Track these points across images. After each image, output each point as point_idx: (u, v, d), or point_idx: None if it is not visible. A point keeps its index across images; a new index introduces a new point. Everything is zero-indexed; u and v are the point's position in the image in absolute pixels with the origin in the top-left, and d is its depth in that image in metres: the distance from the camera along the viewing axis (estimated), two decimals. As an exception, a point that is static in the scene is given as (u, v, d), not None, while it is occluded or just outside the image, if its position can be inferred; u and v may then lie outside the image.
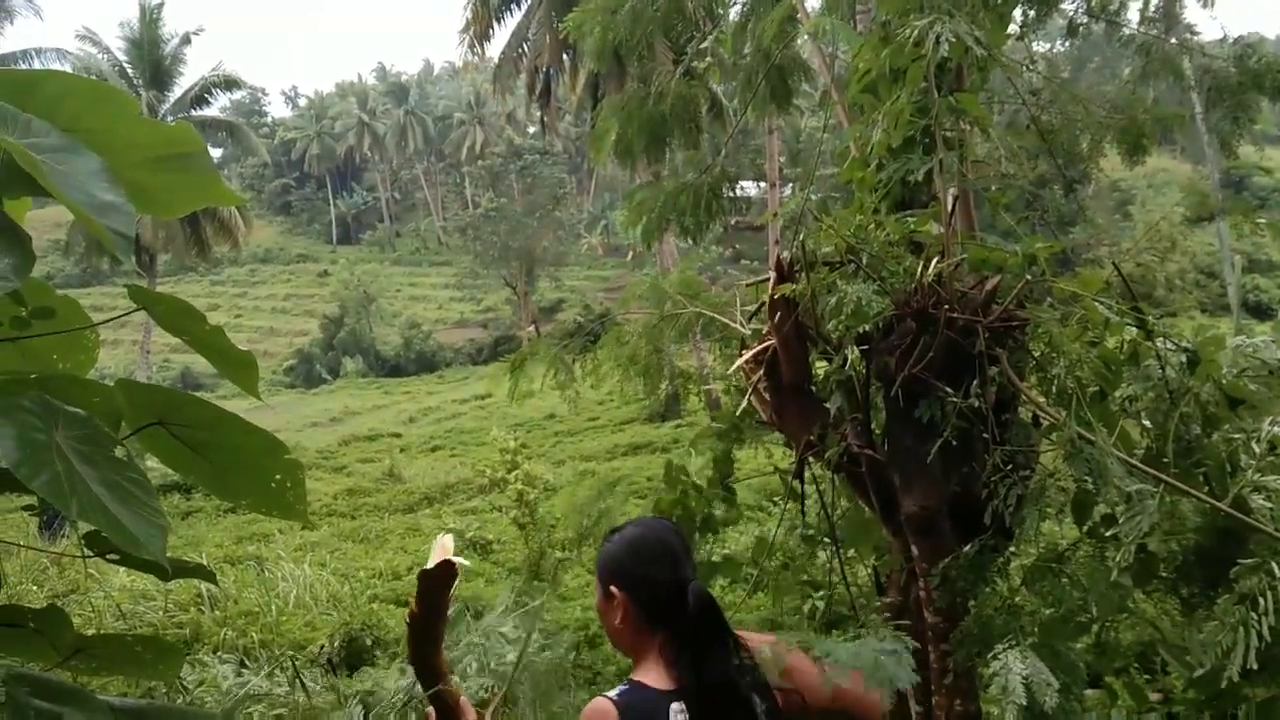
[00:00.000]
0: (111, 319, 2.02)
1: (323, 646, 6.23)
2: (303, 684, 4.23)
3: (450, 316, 55.23)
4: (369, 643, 6.52)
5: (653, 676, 1.80)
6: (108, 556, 1.93)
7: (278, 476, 2.05)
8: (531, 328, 44.35)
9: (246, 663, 6.06)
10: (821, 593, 3.21)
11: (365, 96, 74.24)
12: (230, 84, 32.95)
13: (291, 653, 6.29)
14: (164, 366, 44.51)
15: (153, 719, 1.97)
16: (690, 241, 5.26)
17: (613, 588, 1.89)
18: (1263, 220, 3.97)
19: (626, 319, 4.87)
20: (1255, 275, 38.06)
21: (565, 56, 24.85)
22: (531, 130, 59.62)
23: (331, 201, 72.54)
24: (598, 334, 4.72)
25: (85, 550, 1.88)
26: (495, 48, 27.69)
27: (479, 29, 25.54)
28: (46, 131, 1.56)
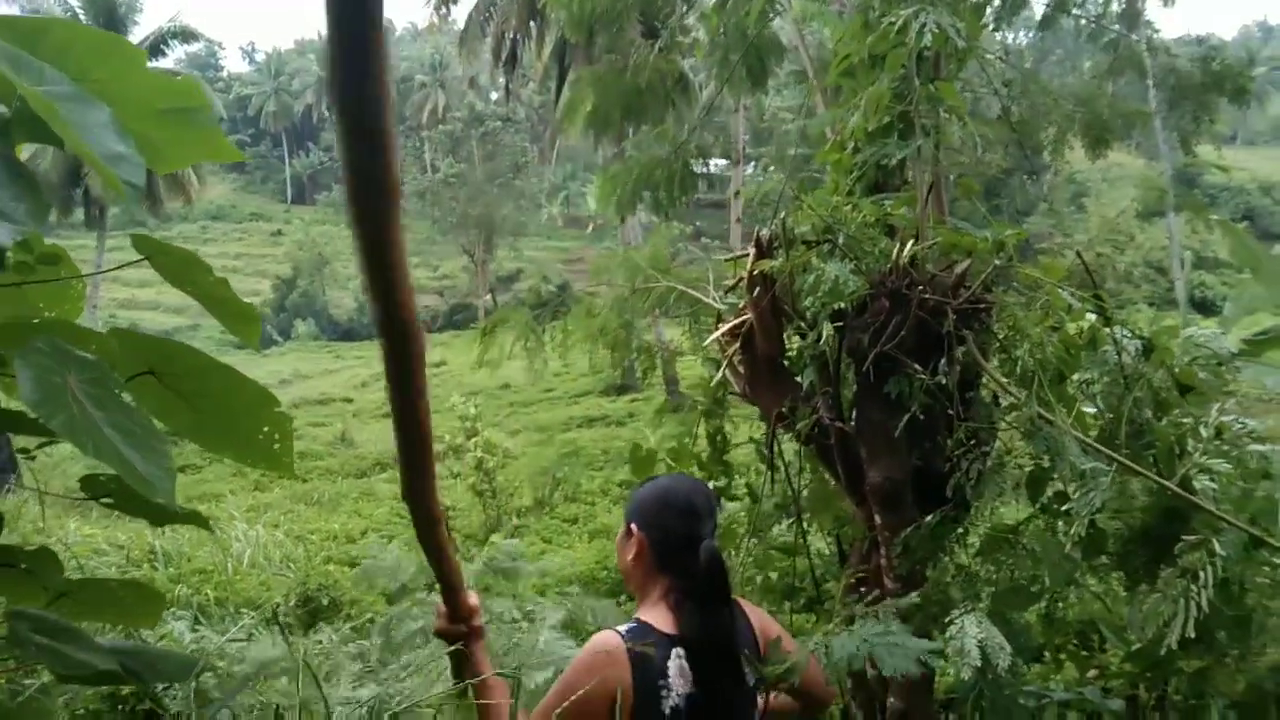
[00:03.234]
0: (115, 269, 2.04)
1: (278, 604, 6.25)
2: (284, 635, 4.26)
3: (406, 282, 54.71)
4: (325, 603, 6.54)
5: (656, 618, 1.89)
6: (101, 500, 1.97)
7: (265, 429, 2.09)
8: (488, 296, 44.08)
9: (201, 620, 6.05)
10: (783, 562, 3.32)
11: (322, 56, 72.86)
12: (187, 35, 32.13)
13: (246, 610, 6.30)
14: (109, 322, 43.58)
15: (140, 657, 2.02)
16: (659, 217, 5.32)
17: (633, 526, 1.99)
18: (1214, 217, 4.13)
19: (595, 291, 4.93)
20: (1202, 272, 39.03)
21: (532, 23, 24.62)
22: (494, 96, 58.94)
23: (287, 160, 71.24)
24: (566, 305, 4.78)
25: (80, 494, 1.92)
26: (461, 11, 27.33)
27: (446, -9, 25.19)
28: (59, 80, 1.59)
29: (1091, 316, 2.64)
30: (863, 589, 2.51)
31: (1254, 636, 2.60)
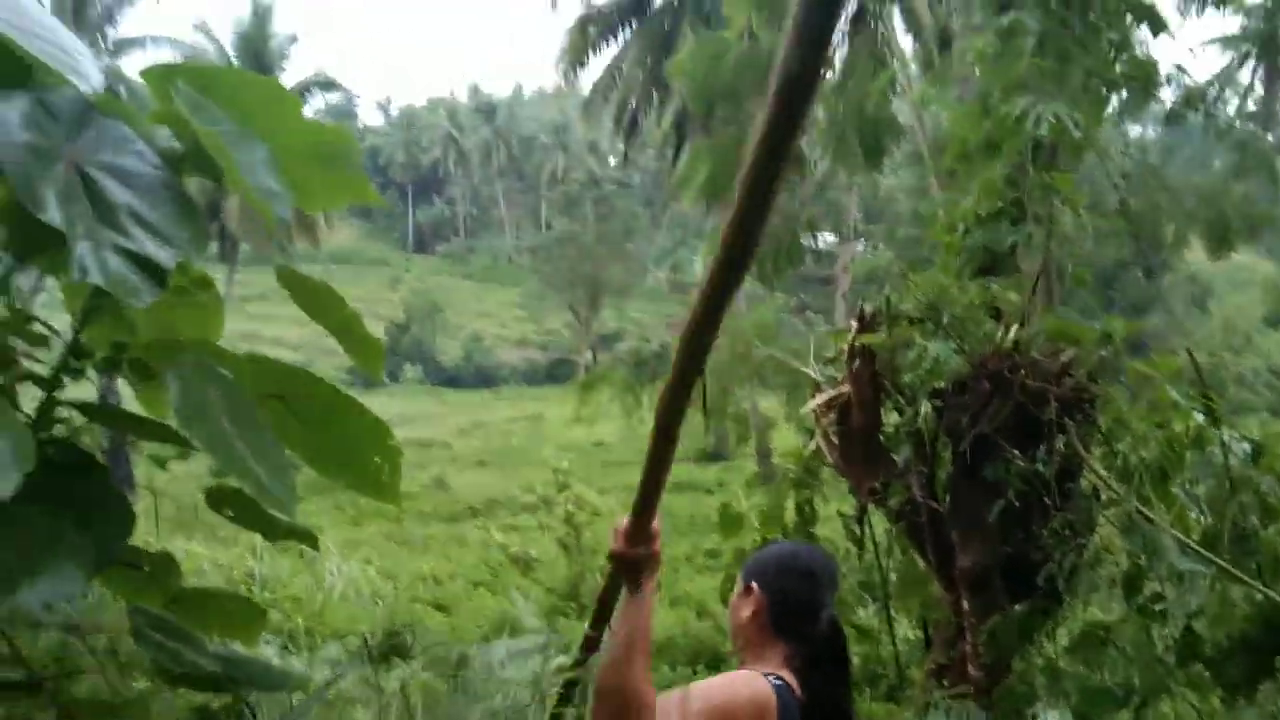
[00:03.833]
0: (250, 297, 2.22)
1: (365, 638, 6.39)
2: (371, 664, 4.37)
3: (512, 335, 55.76)
4: (408, 640, 6.66)
5: (787, 678, 1.86)
6: (223, 512, 2.11)
7: (377, 459, 2.21)
8: (589, 354, 44.64)
9: (289, 646, 6.24)
10: (864, 644, 3.28)
11: (455, 112, 75.87)
12: (328, 85, 34.06)
13: (333, 639, 6.46)
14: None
15: (243, 667, 2.13)
16: (765, 286, 5.39)
17: (753, 584, 1.94)
18: None
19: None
20: (1334, 383, 36.82)
21: (654, 93, 25.25)
22: (612, 162, 60.26)
23: (411, 210, 73.99)
24: (666, 367, 4.84)
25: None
26: (588, 78, 28.24)
27: (574, 57, 26.10)
28: (225, 121, 1.76)
29: (1200, 417, 2.59)
30: (945, 677, 2.48)
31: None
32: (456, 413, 39.13)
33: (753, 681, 1.84)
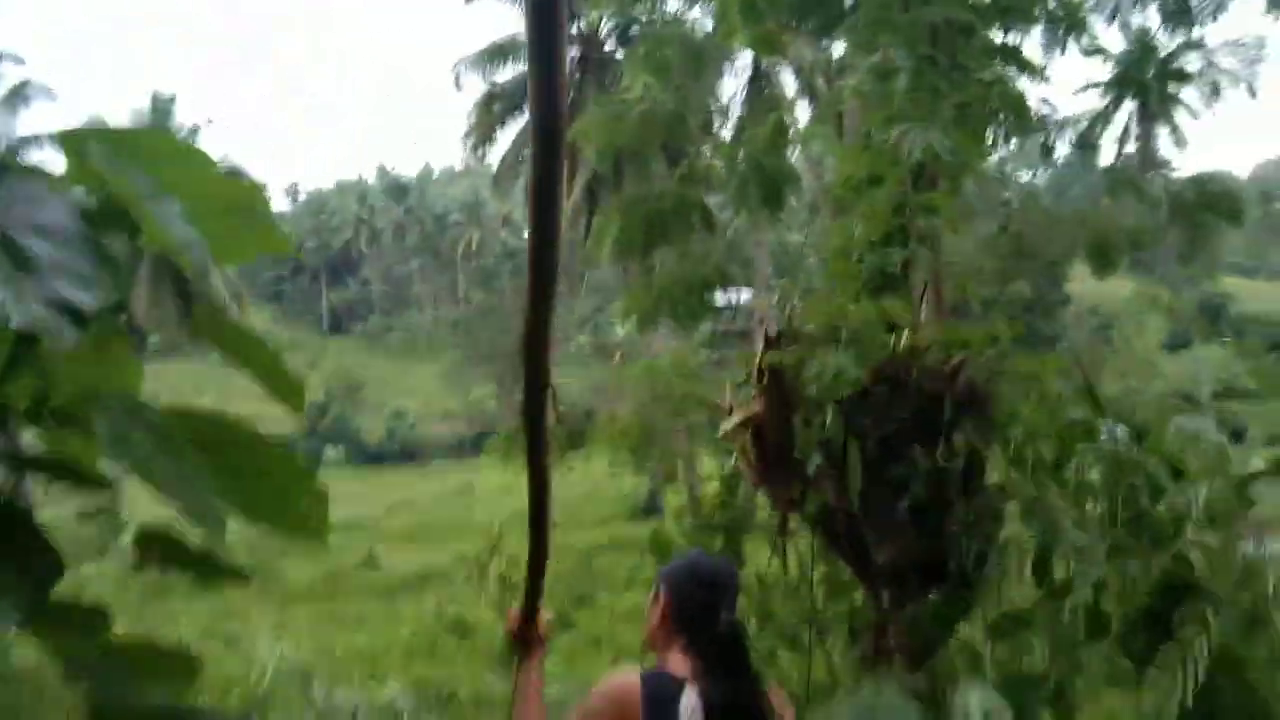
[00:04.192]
0: (160, 391, 2.27)
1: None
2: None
3: (436, 410, 55.06)
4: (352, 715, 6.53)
5: (674, 666, 2.01)
6: (152, 557, 2.12)
7: (304, 501, 2.26)
8: (516, 423, 44.28)
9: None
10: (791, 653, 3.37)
11: (365, 194, 75.77)
12: (234, 174, 33.77)
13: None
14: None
15: (187, 714, 2.13)
16: (683, 333, 5.55)
17: (662, 587, 2.12)
18: (1226, 340, 4.25)
19: (617, 403, 5.09)
20: (1232, 401, 38.54)
21: (564, 164, 25.66)
22: (526, 233, 60.73)
23: (325, 293, 73.11)
24: (591, 426, 4.96)
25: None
26: (496, 152, 28.56)
27: (481, 134, 26.46)
28: (140, 178, 1.84)
29: (1087, 410, 2.79)
30: (872, 669, 2.59)
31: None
32: (382, 491, 38.36)
33: (615, 677, 2.01)
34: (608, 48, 23.13)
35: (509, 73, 26.35)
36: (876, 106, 3.35)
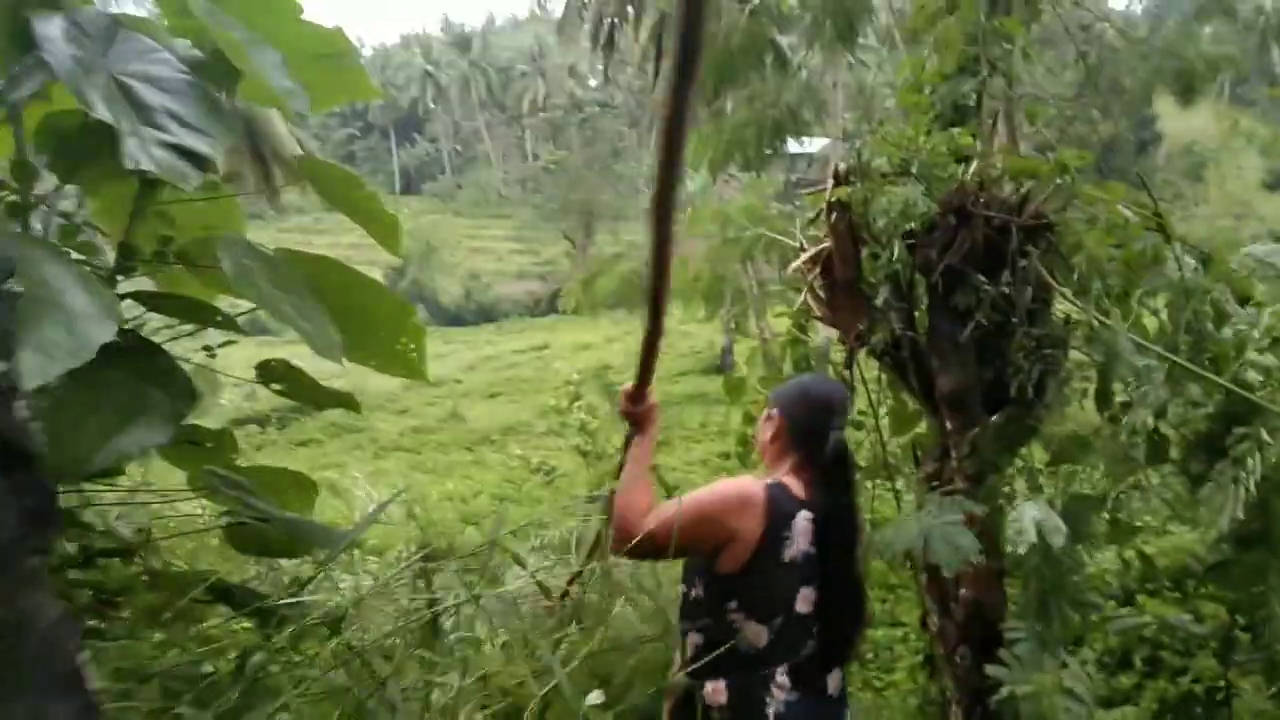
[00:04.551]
0: (263, 190, 2.42)
1: (400, 551, 6.73)
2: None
3: (509, 269, 55.70)
4: (444, 548, 7.02)
5: (791, 484, 2.21)
6: (271, 386, 2.34)
7: (403, 339, 2.44)
8: (570, 291, 44.67)
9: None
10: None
11: (429, 48, 74.69)
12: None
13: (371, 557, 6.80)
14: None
15: (309, 531, 2.38)
16: (755, 184, 5.55)
17: (775, 410, 2.32)
18: None
19: (691, 248, 5.20)
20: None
21: (630, 7, 24.93)
22: (593, 83, 59.46)
23: (394, 152, 73.26)
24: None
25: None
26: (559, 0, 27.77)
27: (545, -21, 25.68)
28: (238, 29, 1.94)
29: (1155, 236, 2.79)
30: (937, 493, 2.73)
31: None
32: (462, 350, 39.42)
33: (741, 483, 2.20)
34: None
35: (571, -87, 25.35)
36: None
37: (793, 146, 7.03)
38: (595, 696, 1.91)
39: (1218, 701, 3.92)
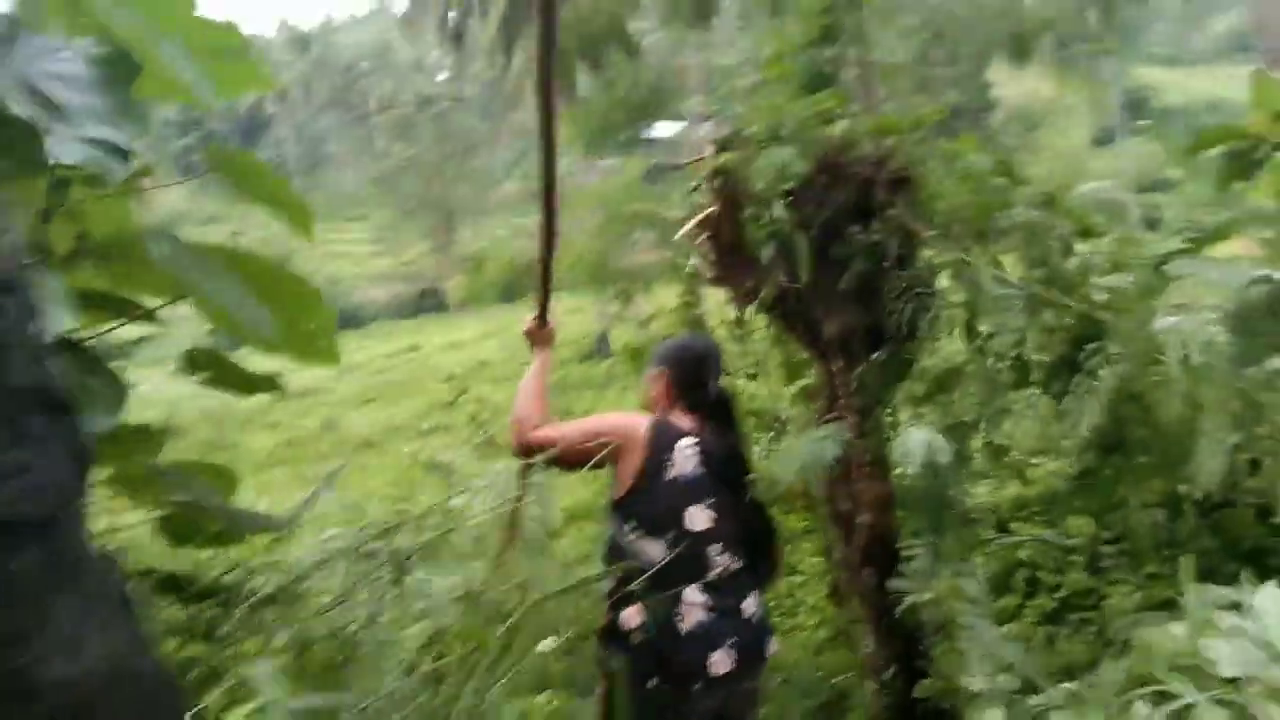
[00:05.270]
0: (181, 181, 2.44)
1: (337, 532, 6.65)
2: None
3: (370, 271, 54.22)
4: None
5: (676, 420, 2.46)
6: (199, 374, 2.36)
7: (313, 324, 2.49)
8: (455, 282, 44.11)
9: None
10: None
11: (265, 50, 71.99)
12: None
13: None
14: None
15: (243, 517, 2.42)
16: (627, 155, 5.71)
17: (661, 367, 2.63)
18: (1147, 123, 4.53)
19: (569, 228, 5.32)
20: (1156, 194, 39.68)
21: (475, -1, 24.69)
22: (440, 77, 58.50)
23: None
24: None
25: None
26: (402, -7, 27.27)
27: (385, -27, 25.18)
28: (139, 24, 1.97)
29: (1003, 181, 3.09)
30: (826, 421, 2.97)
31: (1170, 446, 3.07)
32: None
33: (628, 414, 2.44)
34: None
35: (407, -94, 24.90)
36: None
37: (647, 133, 7.28)
38: (548, 643, 2.05)
39: (1088, 606, 4.35)
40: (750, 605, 2.49)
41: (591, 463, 2.41)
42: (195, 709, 1.21)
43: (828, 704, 3.77)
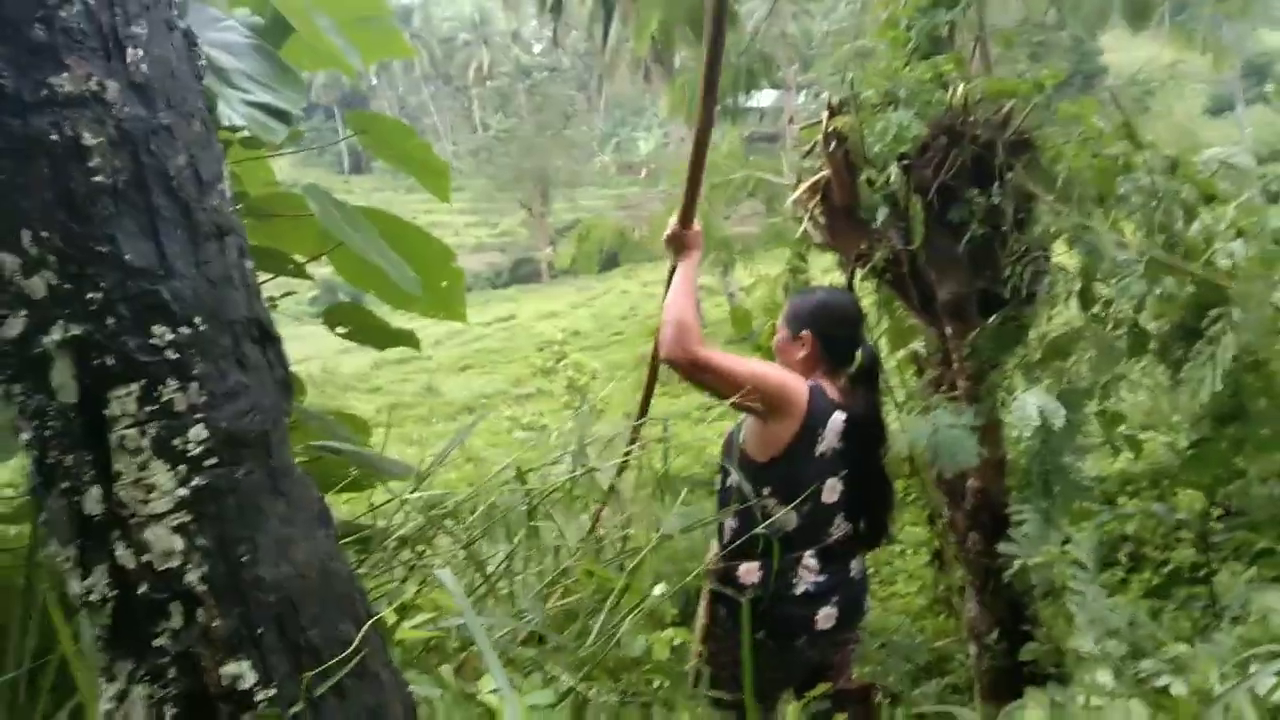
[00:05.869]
0: (328, 143, 2.59)
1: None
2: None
3: (467, 241, 55.13)
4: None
5: (828, 388, 2.39)
6: (337, 330, 2.51)
7: (444, 282, 2.61)
8: (550, 249, 44.63)
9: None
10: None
11: (368, 23, 73.37)
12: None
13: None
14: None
15: (378, 462, 2.57)
16: (731, 123, 5.73)
17: (804, 330, 2.45)
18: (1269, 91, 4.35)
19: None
20: (1277, 165, 37.69)
21: (574, -31, 24.72)
22: (538, 48, 58.87)
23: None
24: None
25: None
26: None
27: (486, -55, 25.39)
28: (293, -3, 2.10)
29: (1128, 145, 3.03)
30: (938, 390, 2.98)
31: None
32: (428, 325, 39.21)
33: (790, 375, 2.38)
34: None
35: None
36: None
37: (747, 102, 7.24)
38: (659, 588, 2.14)
39: (1199, 579, 4.25)
40: (855, 566, 2.53)
41: (738, 400, 2.28)
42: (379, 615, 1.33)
43: (928, 667, 3.79)
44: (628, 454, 2.94)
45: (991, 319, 2.91)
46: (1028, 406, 2.61)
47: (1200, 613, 4.03)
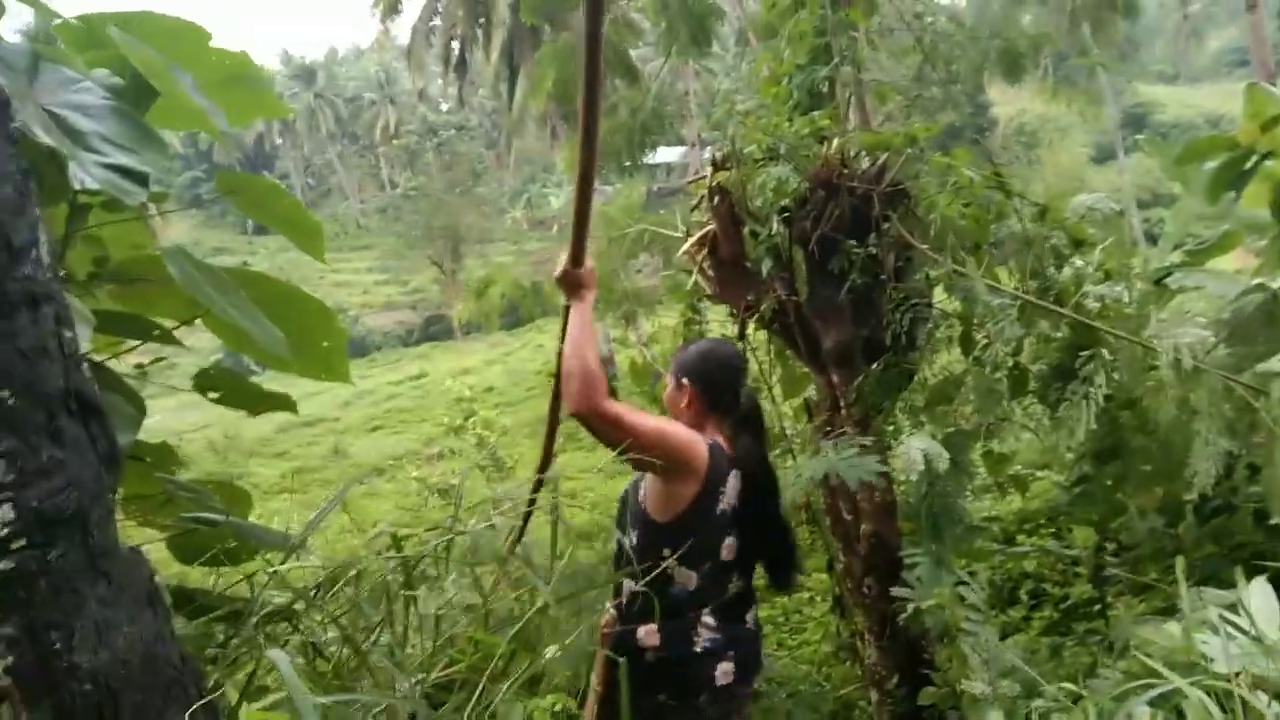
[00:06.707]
0: (201, 204, 2.51)
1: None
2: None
3: (377, 300, 54.47)
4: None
5: (722, 443, 2.39)
6: (208, 395, 2.42)
7: (325, 343, 2.55)
8: (461, 306, 44.29)
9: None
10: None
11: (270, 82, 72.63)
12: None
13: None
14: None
15: (255, 532, 2.46)
16: (629, 177, 5.79)
17: (685, 380, 2.46)
18: (1144, 137, 4.61)
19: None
20: (1159, 209, 39.86)
21: (478, 29, 25.00)
22: (445, 107, 59.03)
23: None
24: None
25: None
26: (403, 27, 27.66)
27: (388, 4, 25.53)
28: (157, 56, 2.05)
29: (998, 195, 3.15)
30: (829, 435, 3.01)
31: (1166, 451, 3.11)
32: (334, 388, 38.44)
33: (692, 435, 2.37)
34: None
35: (410, -59, 25.29)
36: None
37: (649, 158, 7.36)
38: (552, 650, 2.09)
39: (1093, 615, 4.36)
40: (750, 618, 2.53)
41: (636, 457, 2.24)
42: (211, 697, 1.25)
43: (834, 715, 3.78)
44: (528, 513, 2.89)
45: (875, 365, 2.96)
46: (912, 451, 2.66)
47: (1097, 647, 4.12)
